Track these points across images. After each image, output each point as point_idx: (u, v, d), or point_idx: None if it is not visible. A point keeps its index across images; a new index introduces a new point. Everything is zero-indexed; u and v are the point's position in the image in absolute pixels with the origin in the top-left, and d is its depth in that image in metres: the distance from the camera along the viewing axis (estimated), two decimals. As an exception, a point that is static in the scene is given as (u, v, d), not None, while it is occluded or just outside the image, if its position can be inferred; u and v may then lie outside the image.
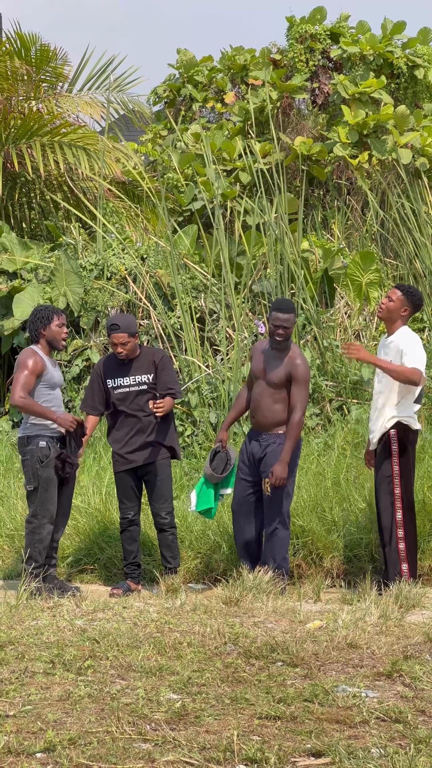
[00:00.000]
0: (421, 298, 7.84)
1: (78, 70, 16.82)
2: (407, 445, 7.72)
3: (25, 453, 7.82)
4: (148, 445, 8.06)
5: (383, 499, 7.71)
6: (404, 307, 7.73)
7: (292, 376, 7.71)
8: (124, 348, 8.02)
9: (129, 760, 4.13)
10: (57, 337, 7.93)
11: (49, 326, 7.89)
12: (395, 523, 7.65)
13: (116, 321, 8.04)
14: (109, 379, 8.12)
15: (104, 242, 12.97)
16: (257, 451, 7.81)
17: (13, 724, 4.47)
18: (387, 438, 7.69)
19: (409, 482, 7.74)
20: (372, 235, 15.23)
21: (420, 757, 4.13)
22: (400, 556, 7.63)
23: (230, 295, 11.95)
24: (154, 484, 8.10)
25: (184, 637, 5.75)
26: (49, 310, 7.95)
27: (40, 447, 7.74)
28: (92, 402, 8.20)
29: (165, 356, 8.19)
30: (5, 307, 12.65)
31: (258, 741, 4.30)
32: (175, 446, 8.17)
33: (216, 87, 19.85)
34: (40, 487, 7.74)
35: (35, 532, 7.76)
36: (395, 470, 7.65)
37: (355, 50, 18.56)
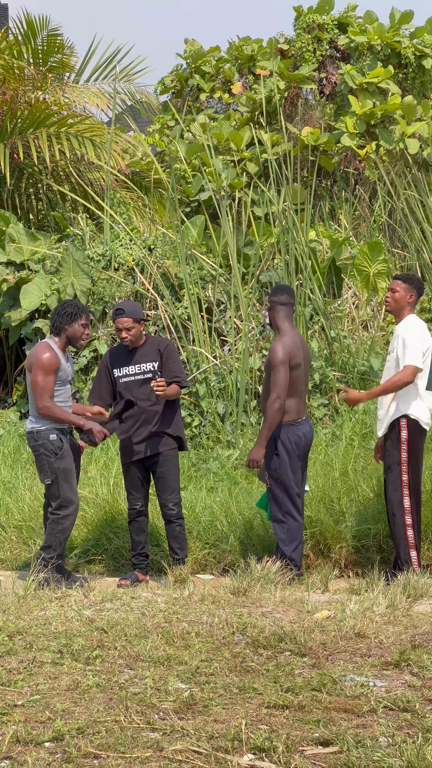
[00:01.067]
0: (421, 282, 8.00)
1: (85, 60, 16.81)
2: (417, 434, 7.72)
3: (37, 448, 7.79)
4: (153, 436, 8.05)
5: (391, 486, 7.73)
6: (410, 294, 7.84)
7: (269, 361, 7.75)
8: (128, 333, 8.00)
9: (137, 749, 4.14)
10: (78, 335, 7.90)
11: (73, 324, 7.86)
12: (403, 510, 7.66)
13: (122, 306, 8.06)
14: (116, 368, 8.12)
15: (111, 233, 12.96)
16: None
17: (22, 713, 4.48)
18: (396, 425, 7.70)
19: (418, 470, 7.74)
20: (380, 226, 15.19)
21: (428, 746, 4.13)
22: (409, 543, 7.64)
23: (238, 285, 11.94)
24: (161, 474, 8.10)
25: (192, 627, 5.76)
26: (77, 308, 7.89)
27: (52, 440, 7.73)
28: (99, 393, 8.19)
29: (171, 345, 8.18)
30: (13, 298, 12.65)
31: (266, 730, 4.31)
32: (181, 436, 8.17)
33: (223, 77, 19.81)
34: (59, 479, 7.72)
35: (59, 522, 7.76)
36: (404, 457, 7.66)
37: (362, 40, 18.50)
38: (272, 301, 7.90)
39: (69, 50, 16.08)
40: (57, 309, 7.95)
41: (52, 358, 7.70)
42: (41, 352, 7.74)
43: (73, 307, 7.89)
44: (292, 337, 7.83)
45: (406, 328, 7.73)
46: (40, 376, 7.66)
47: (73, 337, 7.88)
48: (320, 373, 11.14)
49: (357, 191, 16.77)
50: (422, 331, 7.74)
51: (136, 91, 17.39)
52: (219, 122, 18.14)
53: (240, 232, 13.00)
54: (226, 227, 12.28)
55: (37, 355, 7.73)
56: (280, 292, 7.91)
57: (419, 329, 7.74)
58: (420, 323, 7.82)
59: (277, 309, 7.86)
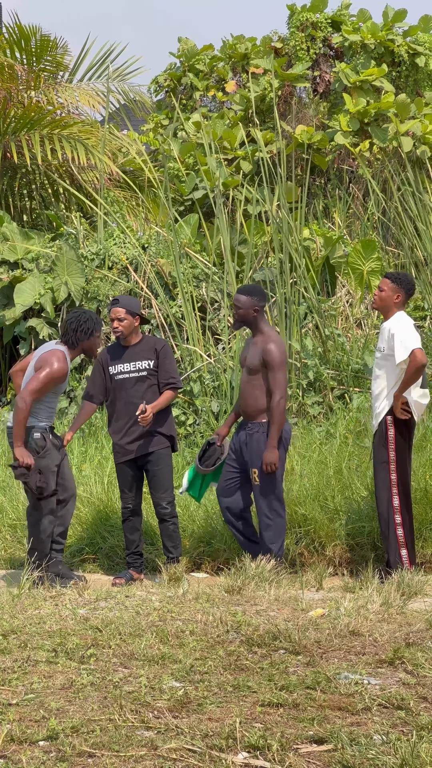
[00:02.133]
0: (411, 282, 7.93)
1: (78, 59, 16.80)
2: (405, 431, 7.73)
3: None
4: (146, 435, 8.05)
5: (380, 485, 7.76)
6: (396, 294, 7.83)
7: (266, 362, 7.72)
8: (120, 324, 8.00)
9: (132, 747, 4.14)
10: (94, 348, 7.89)
11: (91, 339, 7.85)
12: (392, 509, 7.68)
13: (118, 297, 8.14)
14: (111, 365, 8.12)
15: (105, 231, 12.95)
16: (243, 439, 7.88)
17: (16, 712, 4.48)
18: (384, 424, 7.72)
19: (406, 469, 7.75)
20: (373, 224, 15.20)
21: (422, 744, 4.13)
22: (398, 542, 7.67)
23: (231, 283, 11.94)
24: (154, 474, 8.10)
25: (187, 625, 5.76)
26: (96, 323, 7.81)
27: (35, 438, 7.69)
28: (92, 390, 8.19)
29: (166, 345, 8.18)
30: (6, 296, 12.65)
31: (260, 728, 4.31)
32: (174, 435, 8.17)
33: (217, 76, 19.81)
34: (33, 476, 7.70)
35: (37, 524, 7.74)
36: (391, 456, 7.68)
37: (356, 38, 18.51)
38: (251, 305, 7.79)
39: (62, 49, 16.07)
40: (74, 322, 7.81)
41: (63, 370, 7.64)
42: (55, 360, 7.63)
43: (91, 322, 7.80)
44: (278, 337, 7.86)
45: (393, 324, 7.75)
46: (43, 376, 7.59)
47: (90, 350, 7.88)
48: (314, 371, 11.15)
49: (351, 189, 16.78)
50: (410, 324, 7.76)
51: (130, 90, 17.38)
52: (213, 121, 18.14)
53: (234, 230, 13.00)
54: (220, 226, 12.28)
55: (50, 362, 7.62)
56: (255, 294, 7.83)
57: (408, 323, 7.76)
58: (408, 320, 7.83)
59: (257, 312, 7.82)
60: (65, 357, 7.71)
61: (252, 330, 7.90)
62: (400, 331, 7.66)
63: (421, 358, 7.54)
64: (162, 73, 20.37)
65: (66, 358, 7.71)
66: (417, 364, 7.53)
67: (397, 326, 7.71)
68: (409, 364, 7.57)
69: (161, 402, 7.97)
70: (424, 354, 7.59)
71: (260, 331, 7.83)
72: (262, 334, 7.82)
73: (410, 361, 7.55)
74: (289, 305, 11.59)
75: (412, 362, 7.54)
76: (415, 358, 7.54)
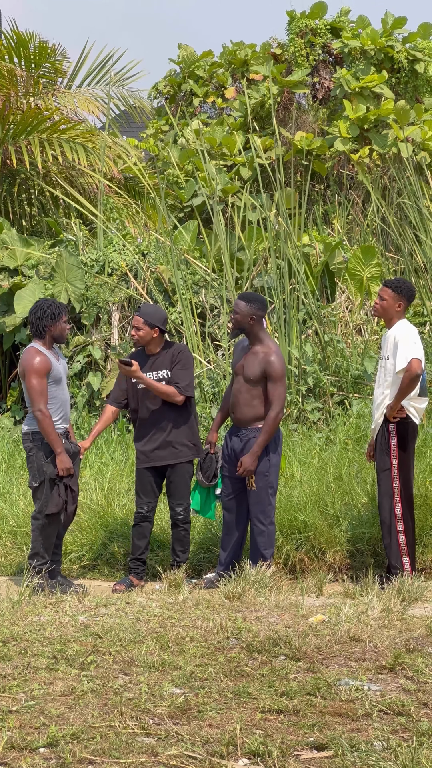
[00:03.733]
0: (411, 289, 7.92)
1: (77, 65, 16.81)
2: (407, 439, 7.74)
3: (31, 449, 7.78)
4: (168, 445, 8.07)
5: (383, 492, 7.76)
6: (398, 303, 7.82)
7: (267, 374, 7.71)
8: (136, 332, 8.05)
9: (132, 754, 4.13)
10: (63, 333, 7.92)
11: (57, 323, 7.86)
12: (395, 516, 7.68)
13: (142, 306, 8.15)
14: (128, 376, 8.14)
15: (105, 238, 12.96)
16: (238, 446, 7.86)
17: (16, 719, 4.48)
18: (386, 431, 7.72)
19: (409, 476, 7.76)
20: (373, 230, 15.21)
21: (423, 750, 4.13)
22: (401, 549, 7.67)
23: (231, 290, 11.95)
24: (173, 481, 8.14)
25: (187, 631, 5.75)
26: (57, 307, 7.86)
27: (45, 443, 7.72)
28: (115, 394, 8.24)
29: (184, 352, 8.16)
30: (6, 303, 12.65)
31: (261, 735, 4.31)
32: (197, 444, 8.18)
33: (217, 82, 19.83)
34: (45, 483, 7.72)
35: (42, 529, 7.75)
36: (394, 464, 7.68)
37: (355, 44, 18.54)
38: (249, 313, 7.79)
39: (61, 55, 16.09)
40: (36, 312, 7.86)
41: (44, 361, 7.69)
42: (31, 357, 7.72)
43: (52, 306, 7.85)
44: (278, 348, 7.86)
45: (397, 332, 7.75)
46: (34, 380, 7.65)
47: (59, 335, 7.89)
48: (314, 377, 11.15)
49: (350, 195, 16.80)
50: (414, 334, 7.76)
51: (129, 96, 17.40)
52: (212, 127, 18.16)
53: (233, 237, 13.01)
54: (219, 232, 12.29)
55: (29, 361, 7.71)
56: (255, 302, 7.82)
57: (412, 332, 7.76)
58: (412, 328, 7.83)
59: (253, 320, 7.81)
60: (38, 350, 7.75)
61: (249, 338, 7.88)
62: (403, 339, 7.66)
63: (416, 367, 7.53)
64: (162, 80, 20.39)
65: (40, 350, 7.74)
66: (411, 373, 7.53)
67: (401, 336, 7.70)
68: (405, 373, 7.56)
69: (158, 385, 7.96)
70: (420, 364, 7.57)
71: (259, 341, 7.82)
72: (262, 344, 7.81)
73: (406, 370, 7.54)
74: (288, 311, 11.59)
75: (408, 372, 7.53)
76: (411, 366, 7.52)
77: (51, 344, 7.89)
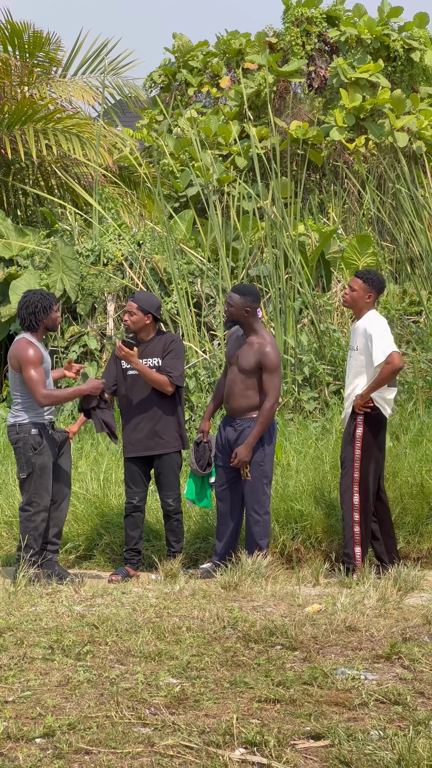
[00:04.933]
0: (382, 281, 7.90)
1: (72, 54, 16.74)
2: (374, 430, 7.72)
3: (17, 441, 7.77)
4: (155, 435, 8.05)
5: (343, 481, 7.78)
6: (368, 294, 7.81)
7: (262, 365, 7.71)
8: (129, 318, 8.02)
9: (128, 744, 4.13)
10: (56, 322, 7.92)
11: (49, 315, 7.85)
12: (352, 506, 7.70)
13: (137, 292, 8.15)
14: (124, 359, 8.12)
15: (100, 228, 12.94)
16: (232, 436, 7.86)
17: (13, 709, 4.47)
18: (354, 422, 7.72)
19: (369, 468, 7.73)
20: (369, 219, 15.19)
21: (419, 739, 4.12)
22: (354, 539, 7.70)
23: (226, 279, 11.93)
24: (162, 473, 8.12)
25: (183, 621, 5.75)
26: (48, 299, 7.84)
27: (32, 434, 7.71)
28: (106, 381, 8.21)
29: (177, 342, 8.14)
30: (1, 294, 12.63)
31: (257, 724, 4.30)
32: (183, 436, 8.16)
33: (211, 71, 19.79)
34: (34, 475, 7.70)
35: (30, 520, 7.74)
36: (356, 454, 7.70)
37: (352, 33, 18.49)
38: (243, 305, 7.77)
39: (55, 45, 16.03)
40: (26, 306, 7.82)
41: (37, 353, 7.69)
42: (25, 349, 7.70)
43: (44, 299, 7.82)
44: (273, 340, 7.85)
45: (368, 324, 7.73)
46: (32, 371, 7.64)
47: (52, 325, 7.90)
48: (310, 366, 11.14)
49: (346, 185, 16.77)
50: (384, 324, 7.76)
51: (124, 85, 17.34)
52: (207, 117, 18.12)
53: (228, 226, 12.98)
54: (215, 222, 12.27)
55: (23, 353, 7.69)
56: (249, 294, 7.80)
57: (382, 322, 7.75)
58: (381, 319, 7.82)
59: (252, 312, 7.79)
60: (30, 341, 7.74)
61: (244, 330, 7.87)
62: (376, 332, 7.65)
63: (398, 361, 7.57)
64: (157, 69, 20.35)
65: (32, 342, 7.74)
66: (394, 367, 7.55)
67: (373, 326, 7.69)
68: (385, 366, 7.56)
69: (151, 372, 7.94)
70: (400, 357, 7.62)
71: (254, 332, 7.81)
72: (257, 335, 7.80)
73: (387, 363, 7.55)
74: (284, 301, 11.58)
75: (389, 365, 7.54)
76: (393, 360, 7.55)
77: (42, 335, 7.89)
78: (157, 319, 8.10)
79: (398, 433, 9.95)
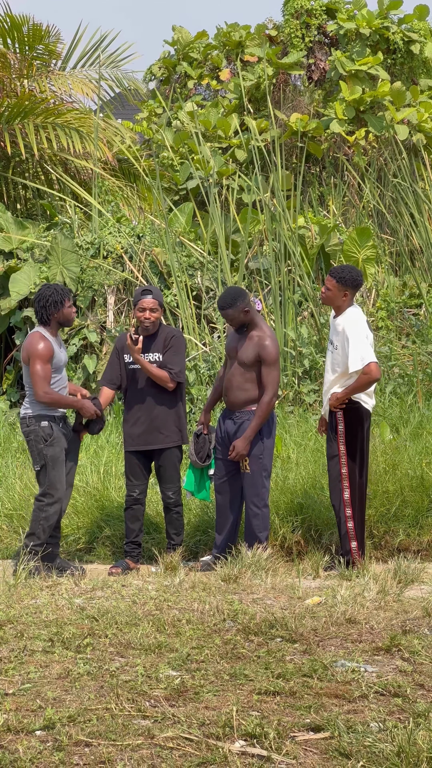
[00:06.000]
0: (356, 278, 7.73)
1: (71, 47, 16.71)
2: (357, 424, 7.69)
3: (29, 433, 7.79)
4: (155, 430, 8.04)
5: (332, 479, 7.75)
6: (343, 293, 7.72)
7: (261, 358, 7.70)
8: (152, 314, 7.98)
9: (128, 736, 4.13)
10: (69, 317, 7.90)
11: (61, 310, 7.84)
12: (343, 502, 7.68)
13: (149, 287, 8.09)
14: (126, 353, 8.11)
15: (100, 221, 12.92)
16: (231, 429, 7.85)
17: (13, 702, 4.48)
18: (334, 417, 7.70)
19: (357, 461, 7.71)
20: (369, 212, 15.17)
21: (419, 731, 4.13)
22: (349, 534, 7.68)
23: (226, 272, 11.92)
24: (162, 466, 8.12)
25: (183, 614, 5.75)
26: (61, 293, 7.83)
27: (42, 427, 7.72)
28: (110, 375, 8.18)
29: (177, 337, 8.12)
30: (1, 287, 12.62)
31: (257, 716, 4.31)
32: (183, 430, 8.16)
33: (211, 64, 19.76)
34: (47, 466, 7.72)
35: (42, 510, 7.75)
36: (341, 450, 7.66)
37: (351, 26, 18.46)
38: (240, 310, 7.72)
39: (54, 37, 15.99)
40: (39, 299, 7.84)
41: (48, 347, 7.68)
42: (36, 342, 7.70)
43: (56, 293, 7.83)
44: (273, 333, 7.84)
45: (347, 322, 7.65)
46: (38, 365, 7.64)
47: (65, 320, 7.88)
48: (310, 359, 11.13)
49: (346, 177, 16.76)
50: (363, 325, 7.68)
51: (124, 78, 17.31)
52: (207, 109, 18.09)
53: (228, 219, 12.97)
54: (214, 214, 12.26)
55: (33, 346, 7.69)
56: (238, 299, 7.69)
57: (361, 324, 7.67)
58: (361, 316, 7.75)
59: (250, 310, 7.77)
60: (42, 335, 7.74)
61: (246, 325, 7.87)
62: (354, 336, 7.54)
63: (376, 373, 7.50)
64: (156, 62, 20.32)
65: (45, 336, 7.73)
66: (371, 378, 7.50)
67: (351, 329, 7.58)
68: (362, 375, 7.49)
69: (153, 368, 7.92)
70: (378, 369, 7.54)
71: (255, 325, 7.81)
72: (257, 328, 7.79)
73: (364, 373, 7.49)
74: (284, 293, 11.57)
75: (366, 375, 7.48)
76: (371, 372, 7.48)
77: (56, 330, 7.88)
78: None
79: (398, 425, 9.95)
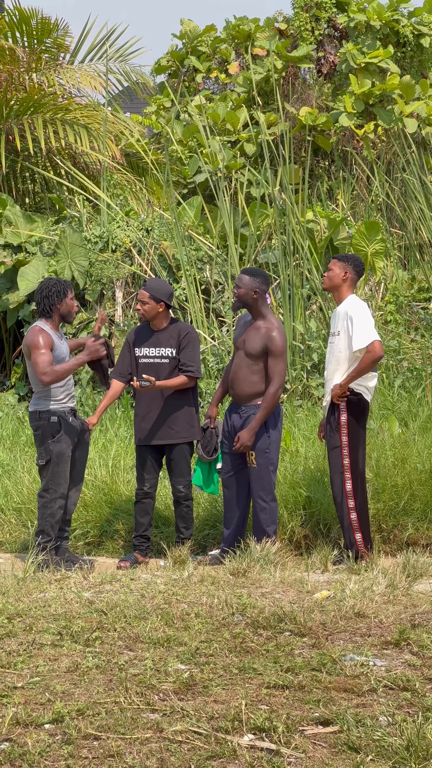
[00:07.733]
0: (360, 263, 7.82)
1: (79, 40, 16.72)
2: (358, 416, 7.69)
3: (37, 428, 7.80)
4: (166, 424, 8.03)
5: (333, 470, 7.73)
6: (344, 272, 7.74)
7: (268, 349, 7.66)
8: (142, 306, 8.00)
9: (137, 730, 4.13)
10: (71, 310, 7.89)
11: (64, 301, 7.83)
12: (345, 493, 7.66)
13: (149, 280, 8.13)
14: (137, 347, 8.11)
15: (108, 215, 12.92)
16: (237, 422, 7.81)
17: (22, 695, 4.48)
18: (337, 408, 7.67)
19: (358, 453, 7.70)
20: (377, 205, 15.14)
21: (428, 725, 4.12)
22: (352, 526, 7.67)
23: (235, 266, 11.91)
24: (174, 460, 8.12)
25: (192, 608, 5.75)
26: (63, 285, 7.84)
27: (51, 422, 7.72)
28: (120, 368, 8.19)
29: (191, 333, 8.11)
30: (10, 280, 12.62)
31: (266, 710, 4.30)
32: (195, 425, 8.15)
33: (220, 57, 19.71)
34: (51, 462, 7.72)
35: (46, 506, 7.76)
36: (344, 441, 7.64)
37: (361, 19, 18.40)
38: (252, 287, 7.72)
39: (63, 31, 15.99)
40: (41, 290, 7.85)
41: (46, 338, 7.69)
42: (35, 336, 7.71)
43: (58, 284, 7.82)
44: (280, 325, 7.81)
45: (349, 307, 7.67)
46: (37, 353, 7.63)
47: (67, 313, 7.87)
48: (318, 353, 11.12)
49: (355, 171, 16.72)
50: (366, 309, 7.70)
51: (132, 71, 17.30)
52: (215, 103, 18.06)
53: (237, 213, 12.96)
54: (223, 208, 12.24)
55: (32, 339, 7.70)
56: (259, 276, 7.74)
57: (363, 308, 7.69)
58: (363, 304, 7.76)
59: (257, 294, 7.74)
60: (41, 328, 7.74)
61: (252, 313, 7.82)
62: (358, 316, 7.56)
63: (379, 350, 7.50)
64: (164, 56, 20.28)
65: (43, 329, 7.73)
66: (375, 356, 7.49)
67: (354, 310, 7.61)
68: (366, 354, 7.50)
69: (171, 382, 7.94)
70: (381, 347, 7.56)
71: (262, 316, 7.77)
72: (265, 319, 7.76)
73: (368, 351, 7.48)
74: (292, 287, 11.55)
75: (370, 353, 7.48)
76: (374, 349, 7.48)
77: (58, 324, 7.87)
78: (169, 307, 8.08)
79: (407, 419, 9.93)
